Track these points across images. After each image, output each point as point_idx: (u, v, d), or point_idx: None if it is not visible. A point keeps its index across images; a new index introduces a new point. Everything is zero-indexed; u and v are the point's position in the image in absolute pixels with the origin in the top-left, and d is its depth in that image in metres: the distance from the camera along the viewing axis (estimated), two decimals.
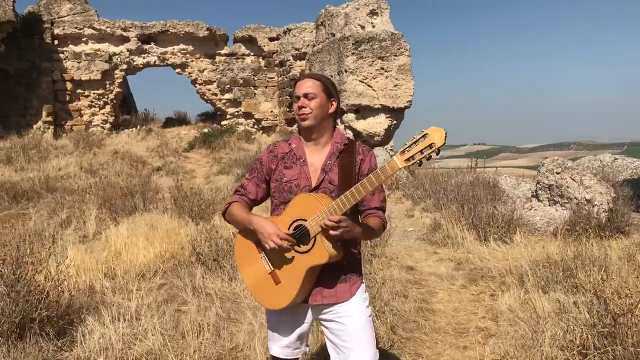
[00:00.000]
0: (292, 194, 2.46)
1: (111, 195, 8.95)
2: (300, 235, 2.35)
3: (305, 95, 2.46)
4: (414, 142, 2.13)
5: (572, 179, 7.52)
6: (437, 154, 2.13)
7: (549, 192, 7.80)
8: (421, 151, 2.11)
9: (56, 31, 16.96)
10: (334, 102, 2.53)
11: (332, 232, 2.20)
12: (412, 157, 2.13)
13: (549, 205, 7.79)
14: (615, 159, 10.96)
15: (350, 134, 12.97)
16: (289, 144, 2.58)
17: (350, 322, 2.40)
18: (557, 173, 7.68)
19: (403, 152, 2.15)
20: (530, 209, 7.94)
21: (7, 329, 3.71)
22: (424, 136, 2.12)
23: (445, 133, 2.09)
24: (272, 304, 2.44)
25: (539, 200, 8.02)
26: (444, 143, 2.09)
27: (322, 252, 2.30)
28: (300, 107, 2.47)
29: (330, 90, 2.52)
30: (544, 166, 7.96)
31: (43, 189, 10.17)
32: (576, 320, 3.55)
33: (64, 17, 17.14)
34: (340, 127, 13.20)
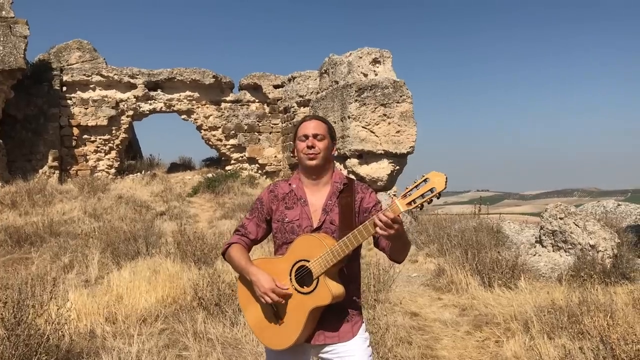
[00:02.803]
0: (294, 235, 2.48)
1: (114, 240, 8.93)
2: (303, 276, 2.36)
3: (315, 136, 2.50)
4: (415, 186, 2.15)
5: (575, 225, 7.50)
6: (437, 198, 2.14)
7: (552, 237, 7.78)
8: (422, 195, 2.13)
9: (65, 78, 17.29)
10: (334, 144, 2.60)
11: (380, 231, 2.17)
12: (414, 200, 2.14)
13: (553, 251, 7.75)
14: (619, 205, 10.96)
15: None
16: (289, 184, 2.61)
17: None
18: (561, 218, 7.67)
19: (404, 195, 2.16)
20: (534, 255, 7.90)
21: None
22: (425, 180, 2.13)
23: (446, 177, 2.10)
24: (275, 344, 2.45)
25: (542, 246, 7.98)
26: (445, 187, 2.10)
27: (325, 293, 2.31)
28: (309, 147, 2.49)
29: (333, 134, 2.60)
30: (548, 212, 7.95)
31: (46, 233, 10.15)
32: None
33: (73, 64, 17.53)
34: (344, 172, 13.29)
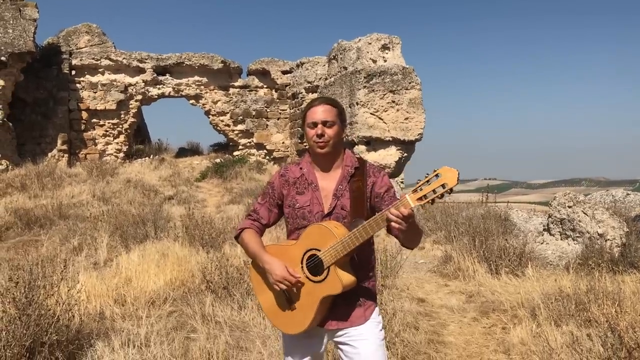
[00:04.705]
0: (305, 220, 2.47)
1: (123, 223, 8.99)
2: (314, 265, 2.37)
3: (324, 123, 2.43)
4: (427, 181, 2.10)
5: (584, 213, 7.47)
6: (449, 194, 2.10)
7: (560, 226, 7.75)
8: (434, 190, 2.08)
9: (74, 62, 17.32)
10: (345, 127, 2.55)
11: (394, 225, 2.14)
12: (425, 196, 2.10)
13: (561, 239, 7.73)
14: (628, 194, 10.90)
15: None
16: (300, 167, 2.58)
17: (363, 345, 2.40)
18: (569, 207, 7.64)
19: (415, 190, 2.12)
20: (542, 243, 7.88)
21: (17, 353, 3.71)
22: (437, 175, 2.08)
23: (458, 173, 2.06)
24: (287, 329, 2.48)
25: (550, 234, 7.96)
26: (457, 183, 2.05)
27: (335, 283, 2.32)
28: (319, 135, 2.43)
29: (344, 116, 2.53)
30: (556, 200, 7.92)
31: (56, 216, 10.23)
32: (590, 353, 3.50)
33: (82, 48, 17.54)
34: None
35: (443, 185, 2.07)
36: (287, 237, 2.61)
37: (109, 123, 17.84)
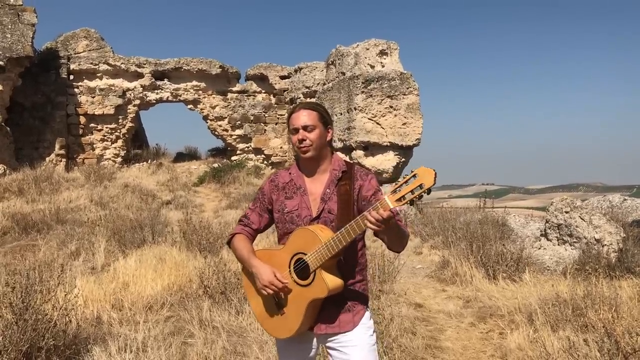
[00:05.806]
0: (294, 224, 2.48)
1: (120, 228, 8.97)
2: (301, 269, 2.38)
3: (305, 128, 2.46)
4: (405, 182, 2.11)
5: (581, 219, 7.49)
6: (427, 194, 2.10)
7: (558, 231, 7.77)
8: (412, 191, 2.09)
9: (72, 66, 17.32)
10: (330, 130, 2.55)
11: (370, 225, 2.15)
12: (403, 197, 2.10)
13: (558, 245, 7.74)
14: (625, 199, 10.94)
15: None
16: (289, 173, 2.61)
17: (353, 351, 2.41)
18: (566, 212, 7.65)
19: (394, 191, 2.12)
20: (539, 248, 7.89)
21: (14, 358, 3.71)
22: (414, 176, 2.09)
23: (435, 173, 2.07)
24: (278, 333, 2.50)
25: (548, 240, 7.97)
26: (434, 183, 2.06)
27: (321, 286, 2.32)
28: (300, 140, 2.47)
29: (327, 119, 2.53)
30: (553, 205, 7.94)
31: (53, 221, 10.20)
32: (587, 358, 3.50)
33: (80, 53, 17.54)
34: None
35: (420, 186, 2.07)
36: (277, 242, 2.62)
37: (106, 128, 17.83)
